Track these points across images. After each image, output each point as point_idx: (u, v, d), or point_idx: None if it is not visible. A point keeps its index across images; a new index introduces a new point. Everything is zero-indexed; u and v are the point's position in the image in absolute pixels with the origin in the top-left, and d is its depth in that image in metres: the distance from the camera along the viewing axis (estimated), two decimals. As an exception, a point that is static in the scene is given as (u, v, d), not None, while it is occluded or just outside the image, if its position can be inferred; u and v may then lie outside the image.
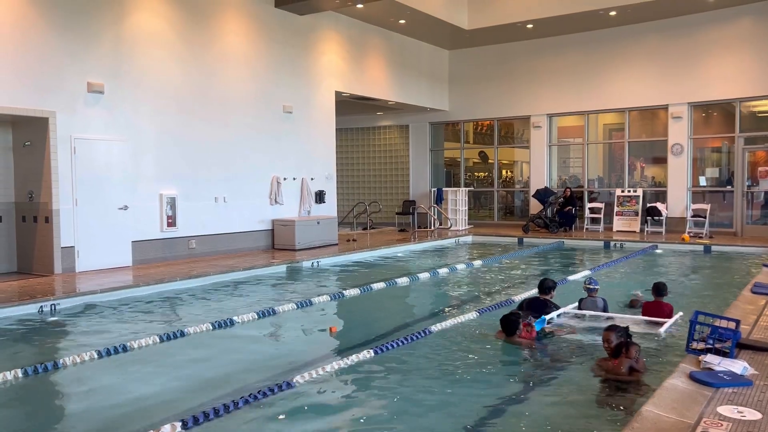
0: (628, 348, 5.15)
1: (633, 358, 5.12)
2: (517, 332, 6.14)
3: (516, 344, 6.10)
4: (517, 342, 6.11)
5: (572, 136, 19.05)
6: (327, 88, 15.02)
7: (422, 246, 14.87)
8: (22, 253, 10.35)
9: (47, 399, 5.01)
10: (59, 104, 9.86)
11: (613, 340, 5.32)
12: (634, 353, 5.13)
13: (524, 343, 6.09)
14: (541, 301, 7.39)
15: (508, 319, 6.28)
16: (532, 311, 7.24)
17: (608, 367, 5.18)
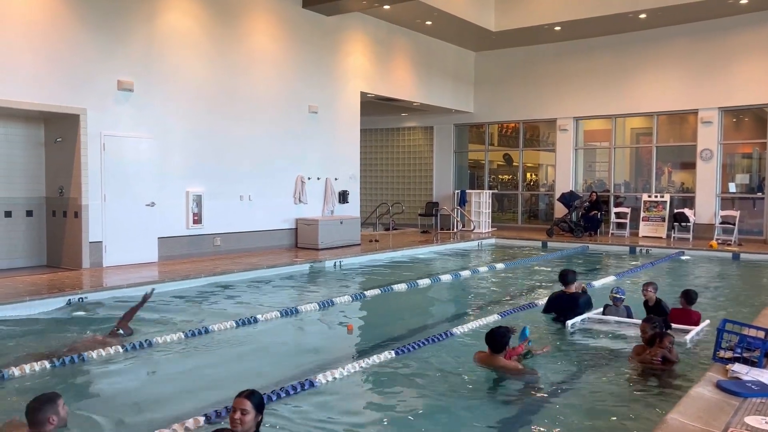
0: (662, 338, 5.49)
1: (666, 347, 5.39)
2: (505, 350, 5.32)
3: (500, 366, 5.29)
4: (502, 364, 5.29)
5: (599, 139, 18.85)
6: (352, 89, 15.07)
7: (445, 248, 14.83)
8: (51, 247, 10.56)
9: (70, 390, 5.10)
10: (90, 101, 10.04)
11: (648, 330, 5.66)
12: (667, 343, 5.44)
13: (510, 367, 5.27)
14: (568, 296, 7.35)
15: (495, 333, 5.37)
16: (563, 310, 7.23)
17: (642, 356, 5.49)
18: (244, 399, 3.54)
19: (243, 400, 3.54)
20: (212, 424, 4.17)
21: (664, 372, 5.37)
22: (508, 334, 5.35)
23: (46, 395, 3.83)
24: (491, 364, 5.33)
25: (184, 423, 4.12)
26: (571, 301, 7.33)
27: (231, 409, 3.55)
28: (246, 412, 3.50)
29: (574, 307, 7.25)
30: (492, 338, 5.34)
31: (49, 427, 3.72)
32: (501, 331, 5.36)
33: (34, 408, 3.73)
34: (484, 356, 5.40)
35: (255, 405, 3.55)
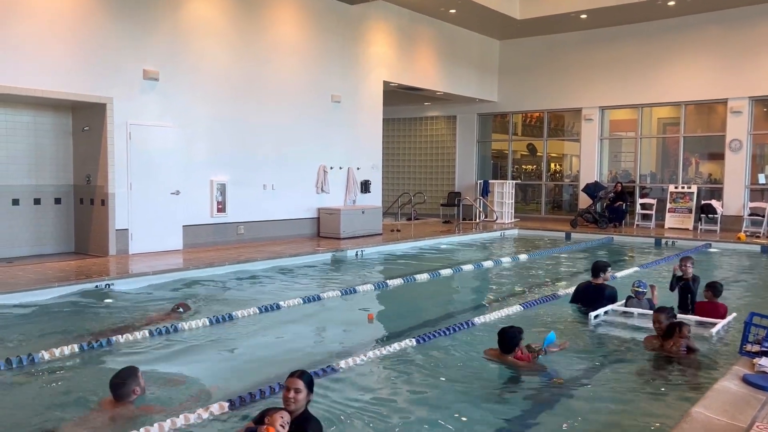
0: (681, 327, 5.44)
1: (686, 337, 5.38)
2: (515, 351, 5.22)
3: (511, 364, 5.20)
4: (512, 362, 5.20)
5: (625, 129, 18.58)
6: (375, 78, 15.04)
7: (467, 238, 14.78)
8: (79, 234, 10.75)
9: (98, 375, 5.20)
10: (116, 91, 10.16)
11: (663, 320, 5.61)
12: (686, 332, 5.42)
13: (521, 365, 5.18)
14: (594, 287, 7.32)
15: (506, 334, 5.26)
16: (588, 300, 7.21)
17: (667, 348, 5.40)
18: (296, 378, 3.72)
19: (296, 379, 3.71)
20: (236, 409, 4.23)
21: (686, 364, 5.34)
22: (519, 336, 5.22)
23: (127, 370, 4.27)
24: (501, 362, 5.26)
25: (208, 407, 4.19)
26: (597, 292, 7.32)
27: (284, 389, 3.71)
28: (299, 391, 3.69)
29: (600, 298, 7.23)
30: (502, 339, 5.23)
31: (134, 397, 4.18)
32: (511, 333, 5.23)
33: (118, 383, 4.16)
34: (494, 354, 5.33)
35: (306, 384, 3.74)
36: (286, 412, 3.64)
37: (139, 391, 4.23)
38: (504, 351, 5.20)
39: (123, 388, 4.15)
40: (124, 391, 4.16)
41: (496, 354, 5.29)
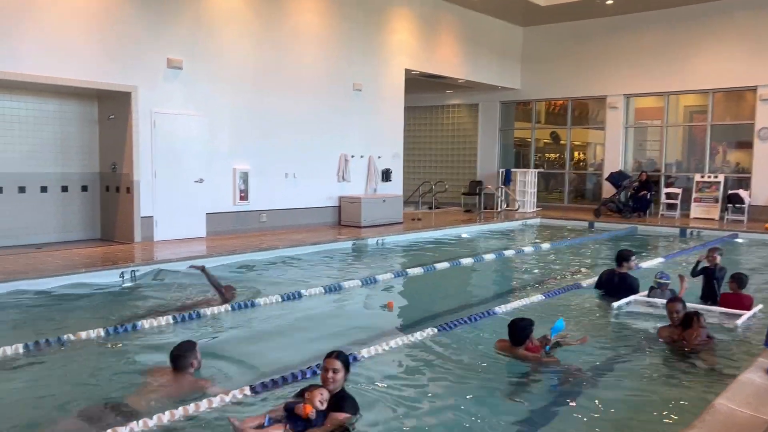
0: (698, 316, 5.46)
1: (704, 326, 5.40)
2: (526, 343, 5.10)
3: (521, 358, 5.08)
4: (523, 355, 5.09)
5: (650, 117, 18.29)
6: (397, 66, 14.98)
7: (488, 227, 14.73)
8: (105, 221, 10.94)
9: (123, 358, 5.31)
10: (141, 79, 10.27)
11: (680, 310, 5.59)
12: (703, 321, 5.44)
13: (532, 358, 5.05)
14: (618, 275, 7.35)
15: (516, 325, 5.16)
16: (612, 289, 7.17)
17: (690, 339, 5.37)
18: (334, 359, 3.91)
19: (333, 360, 3.91)
20: (257, 394, 4.30)
21: (706, 355, 5.31)
22: (530, 327, 5.11)
23: (187, 343, 4.56)
24: (511, 354, 5.16)
25: (230, 391, 4.26)
26: (620, 281, 7.32)
27: (323, 369, 3.89)
28: (337, 371, 3.88)
29: (622, 287, 7.22)
30: (513, 330, 5.14)
31: (191, 369, 4.46)
32: (522, 324, 5.13)
33: (178, 355, 4.44)
34: (505, 346, 5.24)
35: (343, 364, 3.94)
36: (325, 389, 3.81)
37: (196, 364, 4.49)
38: (515, 343, 5.12)
39: (183, 359, 4.41)
40: (183, 363, 4.42)
41: (506, 346, 5.21)
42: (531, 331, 5.10)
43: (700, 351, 5.38)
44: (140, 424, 3.74)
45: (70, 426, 3.91)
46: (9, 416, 4.15)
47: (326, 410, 3.76)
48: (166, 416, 3.85)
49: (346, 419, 3.79)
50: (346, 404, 3.85)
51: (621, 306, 6.87)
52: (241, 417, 3.77)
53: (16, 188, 10.00)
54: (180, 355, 4.44)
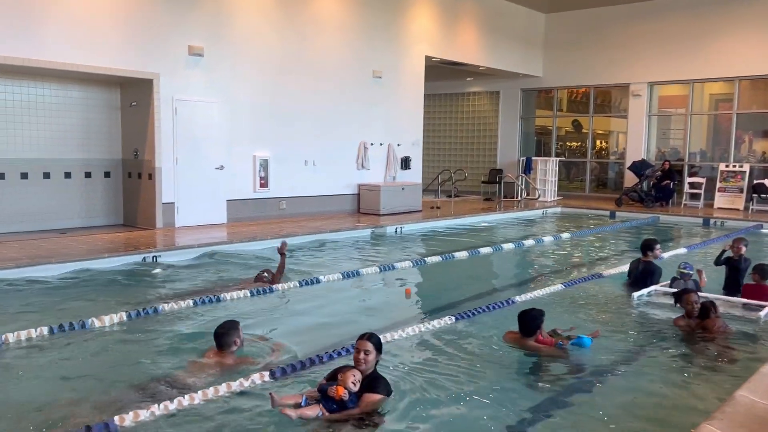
0: (715, 306, 5.54)
1: (719, 315, 5.48)
2: (536, 334, 5.01)
3: (531, 349, 4.99)
4: (533, 346, 5.00)
5: (674, 106, 18.00)
6: (417, 53, 14.89)
7: (508, 216, 14.65)
8: (127, 207, 11.08)
9: (144, 340, 5.40)
10: (163, 66, 10.34)
11: (697, 300, 5.59)
12: (718, 310, 5.52)
13: (543, 349, 4.95)
14: (642, 264, 7.36)
15: (526, 316, 5.06)
16: (634, 279, 7.24)
17: (713, 329, 5.40)
18: (366, 341, 3.99)
19: (365, 342, 3.98)
20: (276, 379, 4.34)
21: (725, 345, 5.28)
22: (540, 318, 5.01)
23: (230, 322, 4.73)
24: (521, 346, 5.06)
25: (250, 376, 4.31)
26: (644, 270, 7.30)
27: (355, 350, 3.98)
28: (369, 352, 3.95)
29: (645, 276, 7.20)
30: (523, 321, 5.04)
31: (234, 347, 4.64)
32: (533, 314, 5.03)
33: (222, 333, 4.61)
34: (515, 337, 5.13)
35: (375, 345, 4.01)
36: (357, 370, 3.90)
37: (239, 343, 4.67)
38: (525, 334, 5.02)
39: (226, 337, 4.58)
40: (226, 341, 4.59)
41: (516, 338, 5.11)
42: (542, 321, 5.02)
43: (719, 341, 5.34)
44: (186, 398, 3.92)
45: (124, 398, 4.08)
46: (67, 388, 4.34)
47: (359, 391, 3.83)
48: (210, 392, 4.02)
49: (380, 401, 3.87)
50: (379, 385, 3.93)
51: (642, 296, 6.82)
52: (280, 394, 3.88)
53: (41, 174, 10.17)
54: (224, 334, 4.61)
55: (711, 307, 5.53)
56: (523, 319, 5.06)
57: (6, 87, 9.67)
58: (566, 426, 3.87)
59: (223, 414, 3.87)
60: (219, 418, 3.83)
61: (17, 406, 4.04)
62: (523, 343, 5.04)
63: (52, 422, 3.77)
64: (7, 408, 4.02)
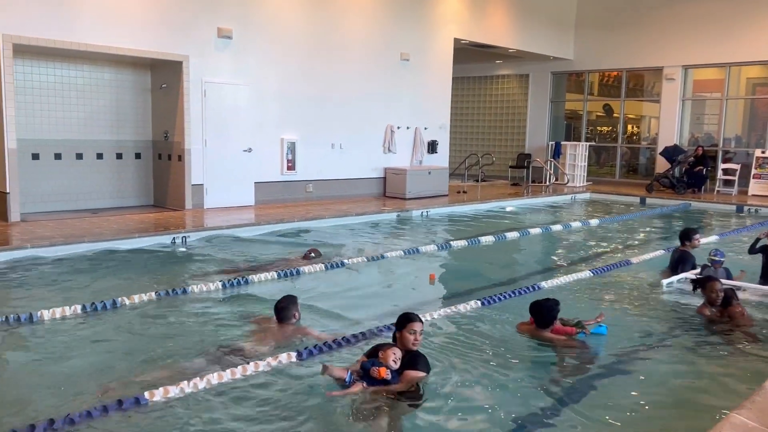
0: (736, 294, 5.57)
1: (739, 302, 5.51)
2: (552, 325, 4.86)
3: (546, 341, 4.84)
4: (548, 337, 4.85)
5: (709, 90, 17.55)
6: (446, 35, 14.74)
7: (535, 201, 14.52)
8: (158, 188, 11.25)
9: (172, 321, 5.51)
10: (192, 49, 10.42)
11: (721, 288, 5.54)
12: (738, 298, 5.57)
13: (559, 341, 4.79)
14: (679, 252, 7.31)
15: (542, 306, 4.88)
16: (670, 267, 7.22)
17: (732, 312, 5.40)
18: (419, 322, 4.16)
19: (419, 323, 4.15)
20: (302, 360, 4.40)
21: (751, 334, 5.24)
22: (556, 308, 4.82)
23: (289, 296, 5.09)
24: (535, 337, 4.89)
25: (277, 357, 4.37)
26: (678, 258, 7.24)
27: (407, 332, 4.09)
28: (421, 333, 4.14)
29: (678, 265, 7.12)
30: (538, 311, 4.85)
31: (293, 320, 4.98)
32: (549, 305, 4.83)
33: (283, 306, 4.97)
34: (528, 328, 4.96)
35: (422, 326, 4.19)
36: (398, 348, 4.00)
37: (297, 316, 5.00)
38: (540, 325, 4.85)
39: (286, 311, 4.94)
40: (286, 314, 4.95)
41: (530, 329, 4.95)
42: (558, 311, 4.85)
43: (744, 329, 5.29)
44: (251, 366, 4.20)
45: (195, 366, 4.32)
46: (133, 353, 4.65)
47: (400, 368, 3.94)
48: (275, 361, 4.31)
49: (420, 378, 3.97)
50: (420, 362, 4.04)
51: (671, 283, 6.72)
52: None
53: (74, 155, 10.37)
54: (284, 307, 4.95)
55: (733, 295, 5.51)
56: (538, 309, 4.87)
57: (40, 69, 9.85)
58: (589, 415, 3.85)
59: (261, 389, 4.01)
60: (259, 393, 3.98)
61: (52, 380, 4.17)
62: (538, 334, 4.87)
63: (85, 396, 3.88)
64: (42, 382, 4.15)
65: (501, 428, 3.63)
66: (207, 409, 3.76)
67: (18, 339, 4.99)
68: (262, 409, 3.79)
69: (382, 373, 3.82)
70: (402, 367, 3.95)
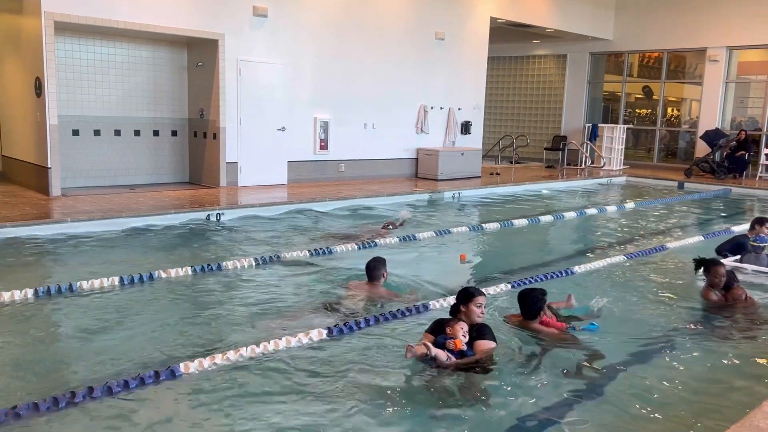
0: (735, 276, 5.65)
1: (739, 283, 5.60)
2: (539, 316, 4.62)
3: (535, 332, 4.59)
4: (537, 329, 4.61)
5: (755, 72, 16.97)
6: (482, 14, 14.50)
7: (570, 184, 14.31)
8: (193, 165, 11.41)
9: (206, 294, 5.62)
10: (228, 27, 10.47)
11: (725, 273, 5.54)
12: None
13: (547, 333, 4.54)
14: (743, 237, 7.19)
15: (526, 297, 4.68)
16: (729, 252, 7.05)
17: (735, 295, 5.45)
18: (483, 296, 4.37)
19: (483, 297, 4.35)
20: (332, 337, 4.45)
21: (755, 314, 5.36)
22: (542, 299, 4.61)
23: (378, 258, 5.62)
24: (524, 329, 4.66)
25: (308, 333, 4.44)
26: (733, 244, 7.12)
27: (476, 305, 4.26)
28: (486, 306, 4.36)
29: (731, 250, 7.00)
30: (523, 302, 4.67)
31: (382, 280, 5.51)
32: (534, 295, 4.65)
33: (373, 266, 5.50)
34: (517, 320, 4.76)
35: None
36: (464, 322, 4.13)
37: (386, 276, 5.52)
38: (526, 317, 4.66)
39: (375, 270, 5.46)
40: (375, 274, 5.47)
41: (518, 320, 4.75)
42: (543, 302, 4.62)
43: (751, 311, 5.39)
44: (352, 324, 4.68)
45: (304, 315, 4.93)
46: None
47: (469, 341, 4.07)
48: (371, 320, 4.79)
49: (492, 347, 4.12)
50: (487, 332, 4.18)
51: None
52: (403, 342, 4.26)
53: (112, 131, 10.57)
54: (374, 267, 5.47)
55: (733, 278, 5.59)
56: (522, 300, 4.69)
57: (80, 46, 10.03)
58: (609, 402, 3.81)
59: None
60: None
61: (89, 349, 4.31)
62: (525, 325, 4.66)
63: (121, 366, 4.00)
64: (78, 351, 4.29)
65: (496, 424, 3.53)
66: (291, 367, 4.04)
67: (62, 308, 5.14)
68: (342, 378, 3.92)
69: (458, 345, 3.94)
70: (471, 339, 4.07)
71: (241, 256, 6.75)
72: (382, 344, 4.43)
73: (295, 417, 3.47)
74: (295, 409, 3.55)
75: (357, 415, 3.49)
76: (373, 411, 3.53)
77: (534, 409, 3.61)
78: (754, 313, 5.40)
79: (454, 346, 3.93)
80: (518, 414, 3.57)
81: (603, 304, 5.12)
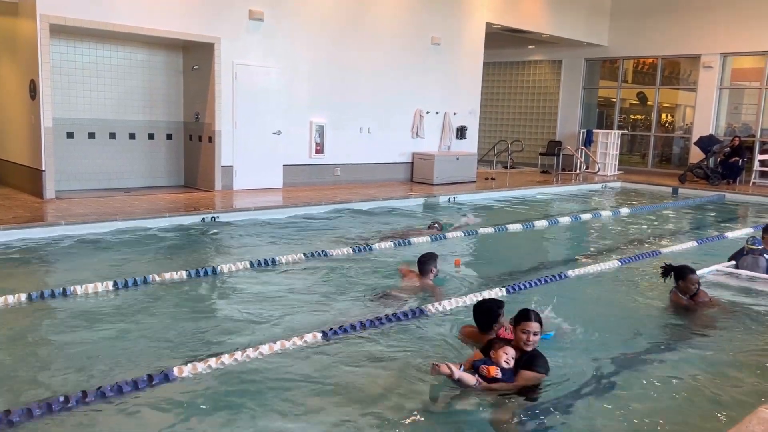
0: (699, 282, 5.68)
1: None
2: (494, 327, 4.35)
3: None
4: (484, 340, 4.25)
5: (748, 79, 17.06)
6: (478, 20, 14.55)
7: (565, 189, 14.35)
8: (188, 168, 11.39)
9: (200, 297, 5.60)
10: (224, 31, 10.47)
11: (698, 280, 5.62)
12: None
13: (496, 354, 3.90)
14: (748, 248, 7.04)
15: (481, 307, 4.46)
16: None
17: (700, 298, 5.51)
18: (534, 322, 3.87)
19: (533, 323, 3.87)
20: (327, 340, 4.44)
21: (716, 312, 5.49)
22: (497, 309, 4.39)
23: (430, 253, 5.86)
24: (480, 343, 4.26)
25: (303, 336, 4.43)
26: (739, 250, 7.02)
27: (519, 332, 3.87)
28: (537, 333, 3.88)
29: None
30: (478, 314, 4.44)
31: (431, 275, 5.72)
32: (487, 306, 4.44)
33: (424, 261, 5.73)
34: (472, 332, 4.53)
35: (541, 323, 3.94)
36: (510, 348, 3.82)
37: (435, 271, 5.71)
38: (481, 329, 4.43)
39: (426, 265, 5.69)
40: (426, 268, 5.68)
41: (473, 333, 4.51)
42: (499, 314, 4.38)
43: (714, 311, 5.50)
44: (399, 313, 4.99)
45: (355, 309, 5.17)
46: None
47: (516, 367, 3.78)
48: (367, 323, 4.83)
49: (537, 378, 3.80)
50: (538, 363, 3.83)
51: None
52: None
53: (107, 134, 10.55)
54: (425, 261, 5.68)
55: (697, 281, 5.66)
56: (477, 311, 4.45)
57: (76, 49, 10.01)
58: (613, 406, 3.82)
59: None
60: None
61: (83, 353, 4.28)
62: (481, 338, 4.36)
63: (115, 371, 3.98)
64: (72, 355, 4.26)
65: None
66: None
67: (56, 312, 5.12)
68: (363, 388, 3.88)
69: (491, 372, 3.70)
70: (518, 367, 3.77)
71: (234, 260, 6.73)
72: (378, 347, 4.42)
73: (290, 421, 3.46)
74: (291, 412, 3.54)
75: (354, 418, 3.49)
76: (369, 416, 3.53)
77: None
78: (725, 314, 5.50)
79: (487, 372, 3.70)
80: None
81: (566, 329, 4.79)
